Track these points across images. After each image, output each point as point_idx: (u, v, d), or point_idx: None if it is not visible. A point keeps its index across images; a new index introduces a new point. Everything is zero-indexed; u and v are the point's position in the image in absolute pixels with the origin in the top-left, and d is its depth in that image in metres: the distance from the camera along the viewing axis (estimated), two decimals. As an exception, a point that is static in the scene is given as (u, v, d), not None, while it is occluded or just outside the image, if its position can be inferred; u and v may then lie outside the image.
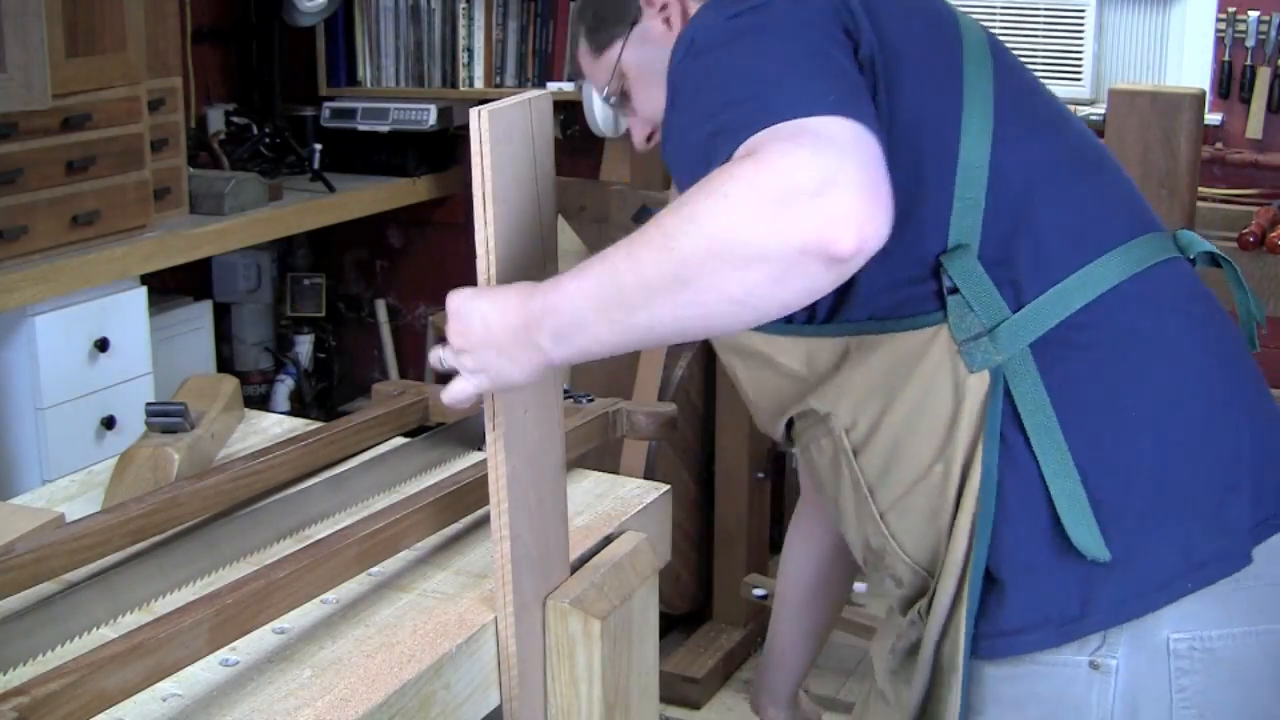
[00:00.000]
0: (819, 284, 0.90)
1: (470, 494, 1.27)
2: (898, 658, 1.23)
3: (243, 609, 1.02)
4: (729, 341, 1.26)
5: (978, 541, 1.11)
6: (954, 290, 1.11)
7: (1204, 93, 2.34)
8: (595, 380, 3.54)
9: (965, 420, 1.12)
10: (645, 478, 2.22)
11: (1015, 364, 1.11)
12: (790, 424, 1.27)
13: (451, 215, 3.92)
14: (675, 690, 2.87)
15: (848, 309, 1.15)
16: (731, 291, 0.91)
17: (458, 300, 1.04)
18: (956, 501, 1.13)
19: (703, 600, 3.14)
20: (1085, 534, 1.09)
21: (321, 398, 4.10)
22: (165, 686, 1.00)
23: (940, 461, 1.13)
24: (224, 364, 3.84)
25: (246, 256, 3.78)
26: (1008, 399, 1.11)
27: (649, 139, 1.35)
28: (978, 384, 1.11)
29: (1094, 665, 1.11)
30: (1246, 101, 3.10)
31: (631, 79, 1.32)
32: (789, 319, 1.17)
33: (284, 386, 3.97)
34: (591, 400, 1.51)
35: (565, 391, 1.42)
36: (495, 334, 1.02)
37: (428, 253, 4.07)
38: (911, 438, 1.15)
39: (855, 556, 1.29)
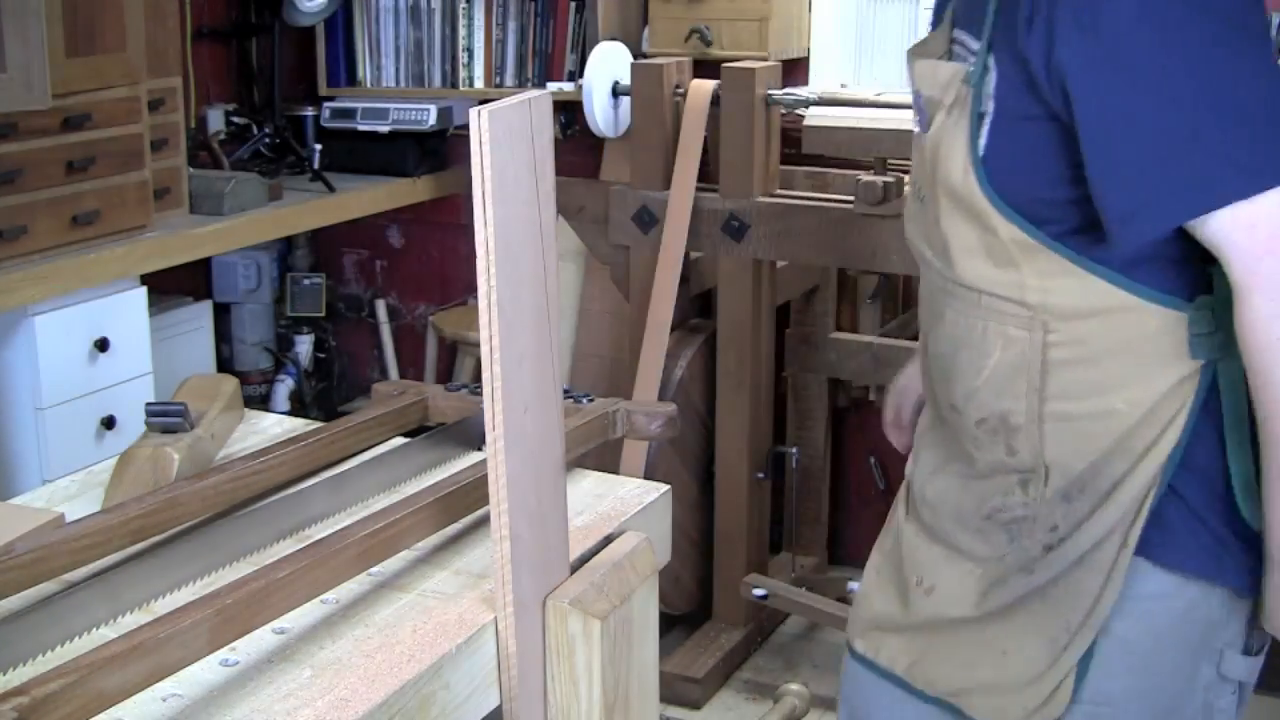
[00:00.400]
0: None
1: (470, 494, 1.27)
2: (994, 523, 1.40)
3: (243, 609, 1.02)
4: (952, 187, 1.34)
5: (1159, 483, 1.33)
6: (1208, 290, 1.31)
7: (1204, 93, 2.33)
8: (595, 380, 3.54)
9: (1175, 392, 1.31)
10: (645, 478, 2.22)
11: (1229, 363, 1.31)
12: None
13: (451, 215, 3.92)
14: (675, 690, 2.87)
15: (1110, 253, 1.29)
16: None
17: None
18: (1144, 446, 1.32)
19: (703, 600, 3.14)
20: (1248, 506, 1.33)
21: (321, 398, 4.10)
22: (165, 686, 1.00)
23: (1132, 406, 1.32)
24: (224, 364, 3.84)
25: (246, 256, 3.78)
26: (1213, 386, 1.32)
27: None
28: (1192, 367, 1.32)
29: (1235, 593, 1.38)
30: (1246, 101, 3.09)
31: None
32: (1038, 223, 1.31)
33: (284, 386, 3.97)
34: (591, 400, 1.50)
35: (565, 391, 1.42)
36: None
37: (428, 253, 4.07)
38: (1115, 383, 1.32)
39: (955, 398, 1.40)
